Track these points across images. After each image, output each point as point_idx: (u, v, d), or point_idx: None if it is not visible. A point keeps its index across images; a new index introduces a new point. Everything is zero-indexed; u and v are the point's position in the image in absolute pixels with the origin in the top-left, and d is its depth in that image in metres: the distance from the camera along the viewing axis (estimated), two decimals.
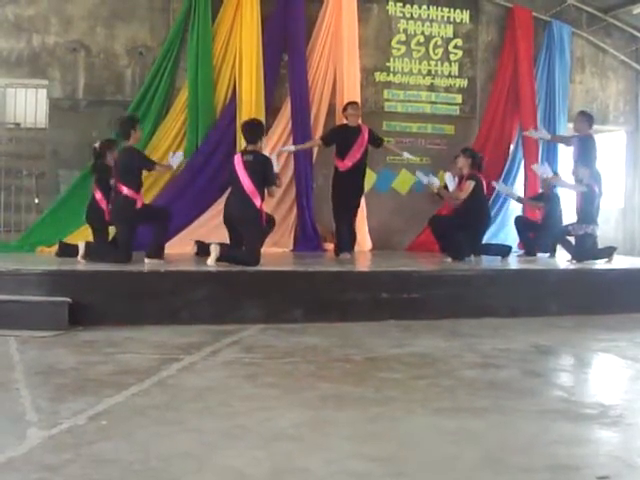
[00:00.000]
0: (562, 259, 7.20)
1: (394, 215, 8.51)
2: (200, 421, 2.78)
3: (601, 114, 9.37)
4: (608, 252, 7.09)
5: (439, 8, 8.77)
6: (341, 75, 8.15)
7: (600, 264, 6.90)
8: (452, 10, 8.80)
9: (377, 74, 8.59)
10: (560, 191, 7.76)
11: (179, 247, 6.76)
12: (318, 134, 7.87)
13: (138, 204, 5.84)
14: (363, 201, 7.65)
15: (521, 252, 7.96)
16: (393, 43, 8.64)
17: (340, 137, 7.16)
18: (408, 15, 8.68)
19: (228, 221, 5.93)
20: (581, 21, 9.34)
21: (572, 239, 7.12)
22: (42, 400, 3.02)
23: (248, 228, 5.77)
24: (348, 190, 7.10)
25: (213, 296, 5.11)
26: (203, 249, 5.99)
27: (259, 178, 5.78)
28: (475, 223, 6.91)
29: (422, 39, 8.72)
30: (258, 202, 5.76)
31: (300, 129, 7.92)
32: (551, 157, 8.72)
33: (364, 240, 8.15)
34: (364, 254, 7.81)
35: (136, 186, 5.84)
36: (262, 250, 5.88)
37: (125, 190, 5.76)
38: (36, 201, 7.87)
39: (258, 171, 5.77)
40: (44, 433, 2.58)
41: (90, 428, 2.66)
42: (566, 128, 8.82)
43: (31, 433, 2.58)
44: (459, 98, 8.87)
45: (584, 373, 4.18)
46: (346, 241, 7.12)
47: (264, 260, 5.75)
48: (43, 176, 7.83)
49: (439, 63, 8.80)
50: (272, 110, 7.94)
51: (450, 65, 8.83)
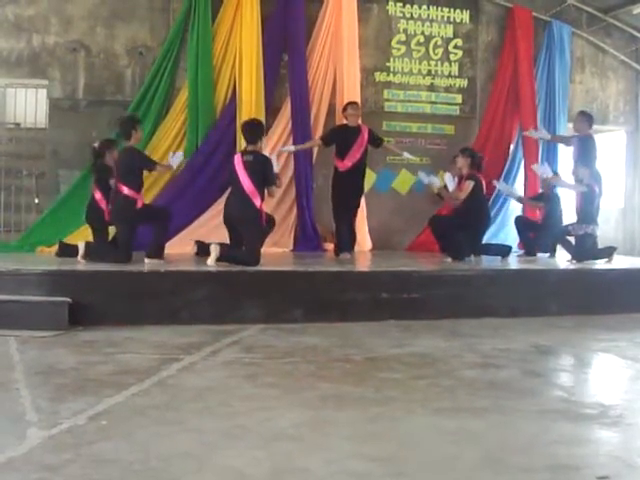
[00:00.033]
0: (562, 259, 7.20)
1: (394, 215, 8.51)
2: (200, 421, 2.78)
3: (601, 114, 9.38)
4: (608, 252, 7.09)
5: (439, 8, 8.77)
6: (341, 75, 8.15)
7: (600, 264, 6.90)
8: (452, 10, 8.81)
9: (377, 74, 8.60)
10: (560, 191, 7.76)
11: (179, 247, 6.76)
12: (318, 134, 7.88)
13: (138, 204, 5.84)
14: (363, 201, 7.65)
15: (521, 252, 7.97)
16: (393, 43, 8.65)
17: (340, 137, 7.16)
18: (408, 15, 8.68)
19: (228, 221, 5.93)
20: (581, 21, 9.35)
21: (572, 239, 7.12)
22: (42, 400, 3.02)
23: (248, 228, 5.77)
24: (348, 190, 7.10)
25: (213, 296, 5.11)
26: (203, 249, 6.00)
27: (259, 178, 5.78)
28: (475, 223, 6.91)
29: (422, 39, 8.72)
30: (258, 202, 5.76)
31: (300, 129, 7.92)
32: (551, 157, 8.72)
33: (364, 240, 8.15)
34: (364, 254, 7.80)
35: (137, 186, 5.85)
36: (262, 250, 5.88)
37: (126, 190, 5.76)
38: (36, 201, 7.87)
39: (258, 171, 5.78)
40: (44, 433, 2.58)
41: (90, 428, 2.66)
42: (566, 128, 8.82)
43: (31, 433, 2.58)
44: (459, 98, 8.87)
45: (584, 373, 4.18)
46: (346, 241, 7.12)
47: (264, 260, 5.75)
48: (43, 176, 7.84)
49: (439, 63, 8.80)
50: (272, 110, 7.95)
51: (450, 65, 8.83)
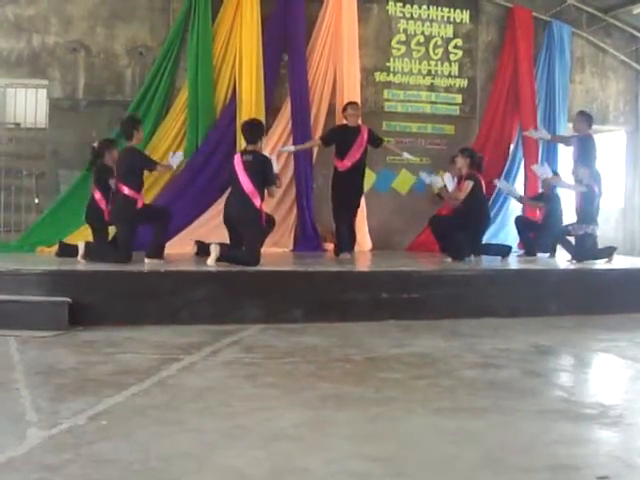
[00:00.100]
0: (562, 259, 7.20)
1: (394, 215, 8.51)
2: (200, 421, 2.78)
3: (601, 114, 9.38)
4: (608, 252, 7.08)
5: (439, 8, 8.77)
6: (341, 75, 8.15)
7: (600, 264, 6.90)
8: (452, 10, 8.81)
9: (377, 74, 8.59)
10: (560, 191, 7.76)
11: (179, 247, 6.76)
12: (318, 134, 7.87)
13: (139, 204, 5.84)
14: (363, 201, 7.65)
15: (521, 252, 7.97)
16: (393, 43, 8.64)
17: (339, 137, 7.16)
18: (408, 15, 8.68)
19: (228, 221, 5.93)
20: (581, 21, 9.35)
21: (572, 239, 7.12)
22: (42, 400, 3.02)
23: (248, 228, 5.77)
24: (347, 190, 7.10)
25: (213, 296, 5.11)
26: (203, 249, 5.99)
27: (259, 178, 5.78)
28: (475, 223, 6.91)
29: (422, 39, 8.72)
30: (258, 202, 5.75)
31: (300, 129, 7.92)
32: (551, 157, 8.72)
33: (364, 240, 8.15)
34: (364, 254, 7.80)
35: (137, 186, 5.85)
36: (262, 250, 5.88)
37: (126, 190, 5.76)
38: (36, 201, 7.87)
39: (258, 171, 5.77)
40: (44, 433, 2.58)
41: (90, 428, 2.66)
42: (566, 128, 8.82)
43: (31, 433, 2.58)
44: (459, 98, 8.87)
45: (584, 373, 4.18)
46: (346, 241, 7.12)
47: (264, 260, 5.75)
48: (43, 176, 7.84)
49: (439, 63, 8.80)
50: (272, 110, 7.94)
51: (450, 65, 8.83)
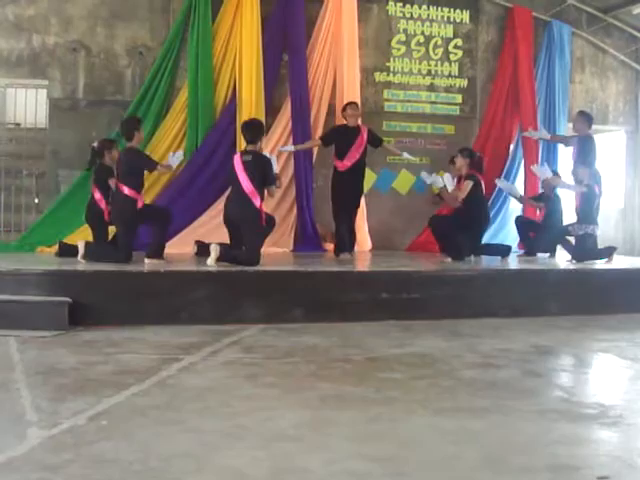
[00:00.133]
0: (562, 259, 7.20)
1: (394, 215, 8.52)
2: (200, 421, 2.78)
3: (601, 114, 9.39)
4: (608, 252, 7.08)
5: (439, 8, 8.77)
6: (341, 75, 8.15)
7: (600, 264, 6.90)
8: (452, 10, 8.81)
9: (377, 74, 8.60)
10: (560, 191, 7.76)
11: (179, 247, 6.77)
12: (318, 134, 7.88)
13: (139, 204, 5.84)
14: (363, 201, 7.65)
15: (521, 252, 7.97)
16: (393, 43, 8.65)
17: (339, 137, 7.16)
18: (408, 15, 8.69)
19: (228, 221, 5.93)
20: (581, 21, 9.35)
21: (572, 239, 7.12)
22: (42, 400, 3.02)
23: (248, 228, 5.77)
24: (347, 190, 7.10)
25: (213, 296, 5.11)
26: (203, 249, 6.00)
27: (258, 178, 5.77)
28: (475, 223, 6.90)
29: (422, 39, 8.73)
30: (257, 202, 5.75)
31: (300, 129, 7.92)
32: (551, 157, 8.73)
33: (364, 240, 8.15)
34: (364, 254, 7.81)
35: (138, 186, 5.85)
36: (262, 250, 5.88)
37: (126, 190, 5.76)
38: (36, 201, 7.88)
39: (257, 171, 5.77)
40: (44, 433, 2.58)
41: (90, 428, 2.66)
42: (566, 128, 8.83)
43: (31, 433, 2.58)
44: (459, 98, 8.87)
45: (584, 373, 4.17)
46: (346, 241, 7.12)
47: (264, 260, 5.75)
48: (43, 176, 7.84)
49: (439, 63, 8.80)
50: (272, 110, 7.95)
51: (450, 65, 8.83)
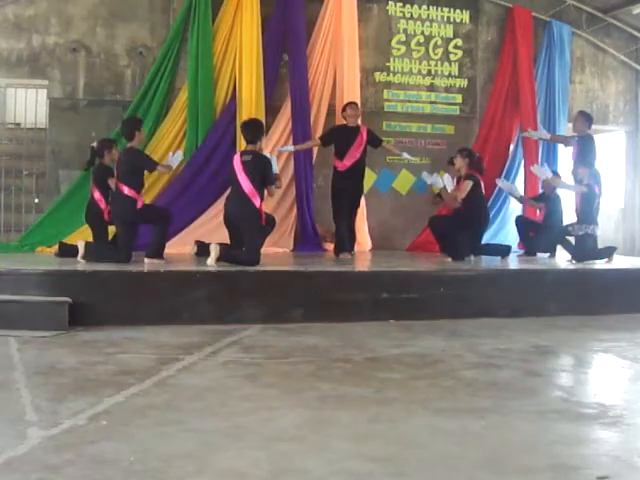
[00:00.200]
0: (562, 259, 7.20)
1: (394, 215, 8.52)
2: (200, 421, 2.78)
3: (601, 114, 9.38)
4: (608, 252, 7.08)
5: (439, 8, 8.77)
6: (341, 75, 8.15)
7: (600, 264, 6.90)
8: (452, 10, 8.81)
9: (377, 74, 8.60)
10: (561, 191, 7.76)
11: (179, 247, 6.77)
12: (318, 134, 7.88)
13: (139, 204, 5.84)
14: (363, 201, 7.65)
15: (521, 252, 7.97)
16: (393, 43, 8.65)
17: (339, 137, 7.16)
18: (408, 15, 8.69)
19: (228, 221, 5.93)
20: (581, 21, 9.35)
21: (572, 239, 7.12)
22: (42, 400, 3.01)
23: (248, 228, 5.77)
24: (347, 190, 7.10)
25: (213, 296, 5.11)
26: (203, 249, 6.00)
27: (258, 178, 5.77)
28: (475, 223, 6.90)
29: (422, 39, 8.73)
30: (257, 202, 5.75)
31: (300, 129, 7.92)
32: (551, 157, 8.73)
33: (364, 240, 8.15)
34: (364, 254, 7.80)
35: (138, 186, 5.85)
36: (262, 250, 5.88)
37: (126, 190, 5.76)
38: (36, 201, 7.88)
39: (257, 171, 5.77)
40: (44, 433, 2.58)
41: (90, 428, 2.66)
42: (566, 128, 8.83)
43: (31, 433, 2.58)
44: (459, 98, 8.87)
45: (584, 373, 4.17)
46: (346, 241, 7.12)
47: (264, 260, 5.75)
48: (43, 176, 7.85)
49: (439, 63, 8.80)
50: (272, 110, 7.95)
51: (450, 65, 8.83)
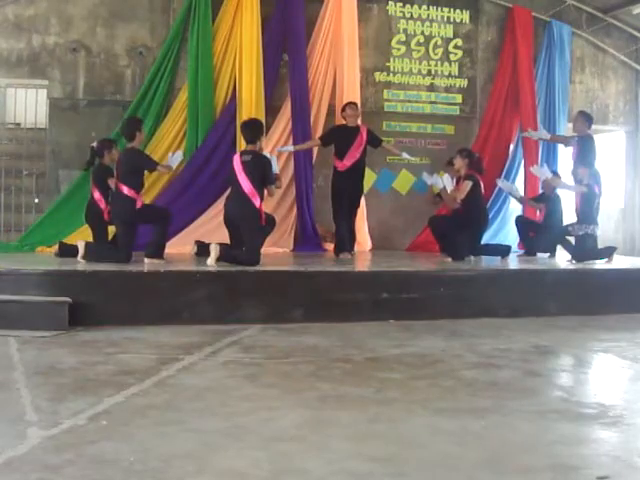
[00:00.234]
0: (562, 259, 7.20)
1: (394, 215, 8.52)
2: (200, 421, 2.78)
3: (601, 114, 9.38)
4: (608, 252, 7.08)
5: (439, 8, 8.77)
6: (341, 75, 8.15)
7: (600, 264, 6.90)
8: (452, 10, 8.81)
9: (377, 74, 8.60)
10: (561, 191, 7.75)
11: (179, 247, 6.77)
12: (318, 134, 7.88)
13: (138, 204, 5.84)
14: (363, 201, 7.65)
15: (521, 252, 7.97)
16: (393, 43, 8.65)
17: (339, 137, 7.16)
18: (408, 15, 8.69)
19: (228, 221, 5.93)
20: (581, 21, 9.34)
21: (572, 239, 7.12)
22: (42, 400, 3.01)
23: (248, 228, 5.77)
24: (347, 190, 7.10)
25: (213, 296, 5.11)
26: (203, 249, 5.99)
27: (258, 178, 5.77)
28: (474, 223, 6.90)
29: (422, 39, 8.73)
30: (257, 202, 5.75)
31: (300, 129, 7.92)
32: (551, 157, 8.73)
33: (364, 240, 8.15)
34: (364, 254, 7.80)
35: (138, 186, 5.85)
36: (262, 250, 5.88)
37: (126, 190, 5.76)
38: (36, 201, 7.88)
39: (256, 171, 5.76)
40: (44, 433, 2.58)
41: (90, 428, 2.66)
42: (566, 128, 8.82)
43: (31, 433, 2.58)
44: (459, 98, 8.87)
45: (584, 373, 4.17)
46: (346, 241, 7.12)
47: (264, 260, 5.75)
48: (43, 176, 7.85)
49: (439, 63, 8.80)
50: (272, 110, 7.95)
51: (450, 65, 8.83)
